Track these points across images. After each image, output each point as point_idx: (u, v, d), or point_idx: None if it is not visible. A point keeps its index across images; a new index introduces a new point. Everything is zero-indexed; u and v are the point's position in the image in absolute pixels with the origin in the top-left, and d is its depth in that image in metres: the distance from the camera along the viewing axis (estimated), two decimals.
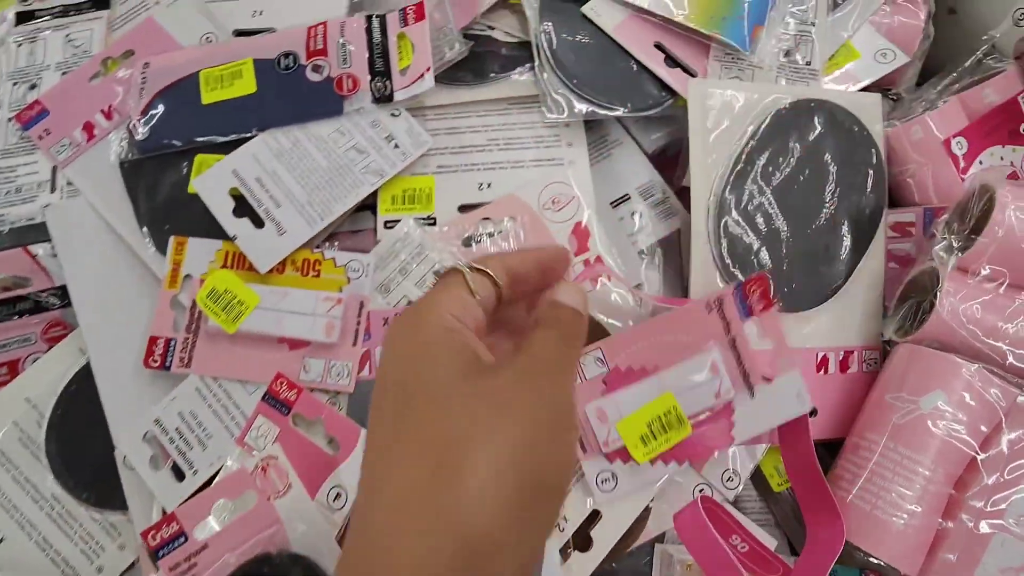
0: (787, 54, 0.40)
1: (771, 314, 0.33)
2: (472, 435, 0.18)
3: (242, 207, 0.38)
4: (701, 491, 0.37)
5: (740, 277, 0.37)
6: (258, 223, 0.38)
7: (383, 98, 0.40)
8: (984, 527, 0.33)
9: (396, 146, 0.40)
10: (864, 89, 0.42)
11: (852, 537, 0.34)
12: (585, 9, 0.41)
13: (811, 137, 0.38)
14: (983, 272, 0.35)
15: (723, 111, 0.38)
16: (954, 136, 0.40)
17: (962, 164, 0.40)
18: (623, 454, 0.34)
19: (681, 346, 0.34)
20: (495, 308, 0.24)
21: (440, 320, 0.21)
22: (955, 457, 0.34)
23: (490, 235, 0.39)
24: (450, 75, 0.42)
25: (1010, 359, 0.35)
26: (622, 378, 0.34)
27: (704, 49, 0.41)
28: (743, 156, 0.38)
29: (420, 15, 0.41)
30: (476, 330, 0.22)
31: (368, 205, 0.41)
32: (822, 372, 0.39)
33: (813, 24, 0.41)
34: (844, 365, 0.39)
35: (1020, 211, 0.34)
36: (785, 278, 0.38)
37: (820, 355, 0.39)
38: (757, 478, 0.41)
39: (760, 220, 0.38)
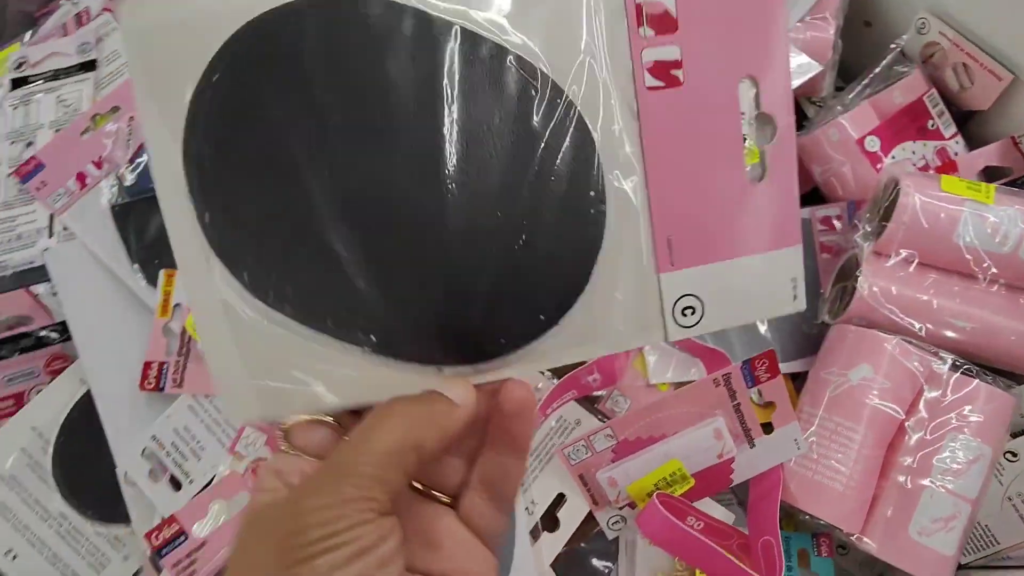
0: None
1: (776, 381, 0.35)
2: None
3: None
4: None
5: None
6: None
7: None
8: (913, 483, 0.36)
9: None
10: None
11: (797, 502, 0.37)
12: None
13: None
14: (897, 255, 0.39)
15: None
16: (867, 135, 0.44)
17: (877, 160, 0.44)
18: (631, 504, 0.37)
19: (687, 417, 0.36)
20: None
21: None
22: (884, 422, 0.37)
23: None
24: None
25: (926, 330, 0.38)
26: (630, 447, 0.37)
27: None
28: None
29: None
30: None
31: None
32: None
33: None
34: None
35: (922, 196, 0.38)
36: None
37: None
38: None
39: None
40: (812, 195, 0.49)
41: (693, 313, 0.23)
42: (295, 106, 0.21)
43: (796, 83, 0.46)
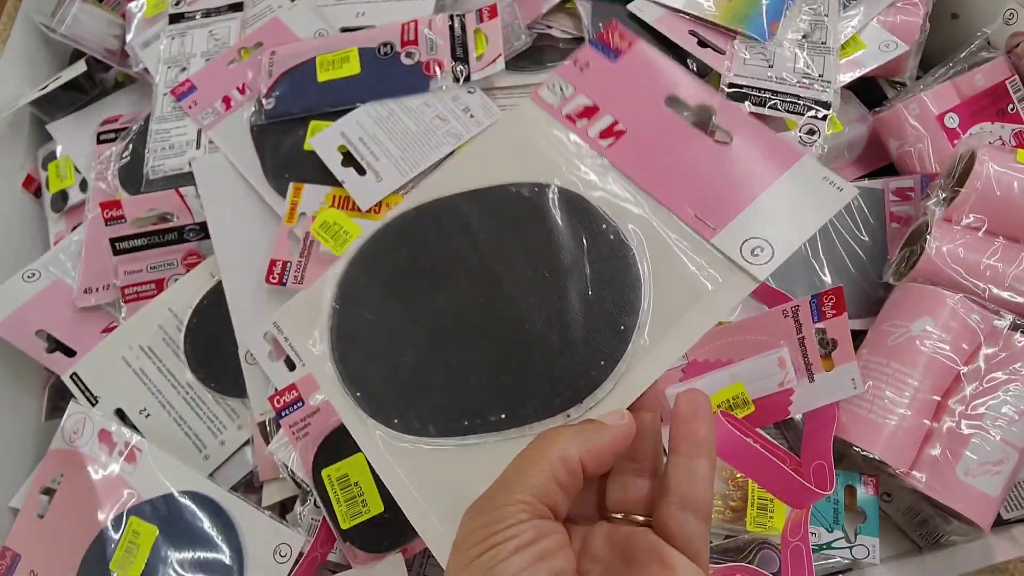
0: (805, 36, 0.47)
1: (841, 318, 0.38)
2: None
3: (348, 160, 0.47)
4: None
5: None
6: (361, 172, 0.47)
7: (462, 79, 0.50)
8: (965, 428, 0.38)
9: (471, 116, 0.49)
10: (869, 77, 0.49)
11: (848, 436, 0.39)
12: (631, 7, 0.50)
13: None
14: (966, 220, 0.42)
15: None
16: (947, 112, 0.46)
17: (955, 136, 0.46)
18: None
19: (755, 344, 0.39)
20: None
21: None
22: (940, 370, 0.39)
23: None
24: (515, 63, 0.51)
25: (990, 292, 0.40)
26: (699, 368, 0.40)
27: (730, 35, 0.49)
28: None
29: (493, 14, 0.51)
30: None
31: None
32: None
33: (826, 16, 0.48)
34: None
35: (997, 166, 0.40)
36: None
37: None
38: None
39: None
40: (886, 171, 0.51)
41: (763, 251, 0.26)
42: (389, 308, 0.30)
43: (881, 61, 0.48)
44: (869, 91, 0.53)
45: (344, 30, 0.55)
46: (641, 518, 0.24)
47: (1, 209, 0.55)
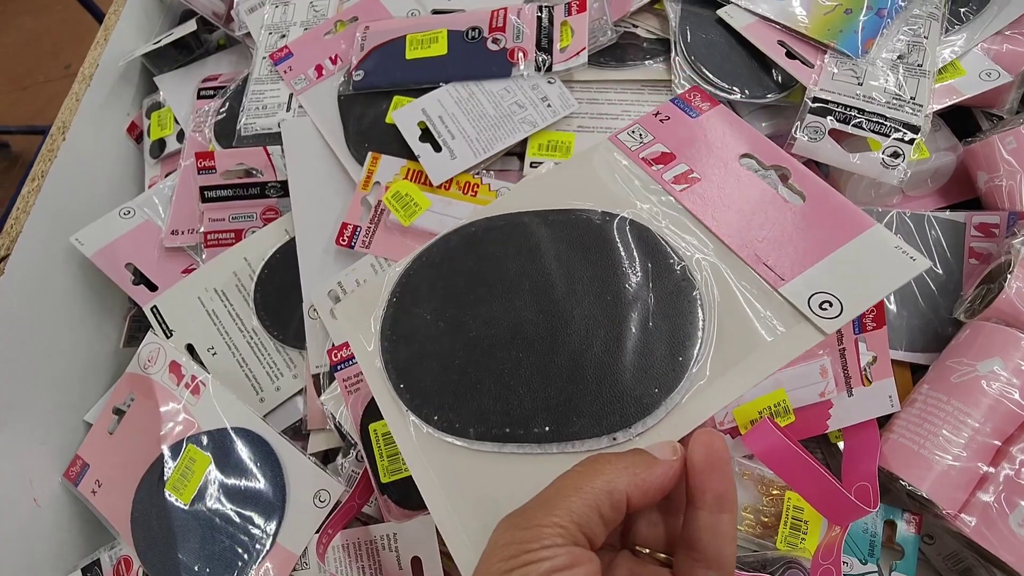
0: (900, 57, 0.46)
1: (880, 332, 0.38)
2: None
3: (426, 136, 0.49)
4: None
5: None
6: (437, 148, 0.49)
7: (543, 68, 0.50)
8: None
9: (549, 105, 0.50)
10: (965, 106, 0.47)
11: (896, 469, 0.38)
12: (720, 12, 0.50)
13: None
14: None
15: None
16: None
17: None
18: (733, 431, 0.41)
19: None
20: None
21: None
22: (1005, 414, 0.38)
23: None
24: (596, 59, 0.52)
25: None
26: None
27: (821, 49, 0.48)
28: None
29: (582, 7, 0.52)
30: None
31: (515, 153, 0.51)
32: None
33: (926, 38, 0.47)
34: None
35: None
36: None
37: None
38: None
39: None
40: (968, 205, 0.49)
41: (831, 306, 0.26)
42: (446, 309, 0.31)
43: (980, 90, 0.47)
44: (962, 121, 0.51)
45: (435, 12, 0.57)
46: (663, 556, 0.23)
47: (106, 151, 0.60)
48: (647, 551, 0.24)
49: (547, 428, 0.26)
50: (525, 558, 0.20)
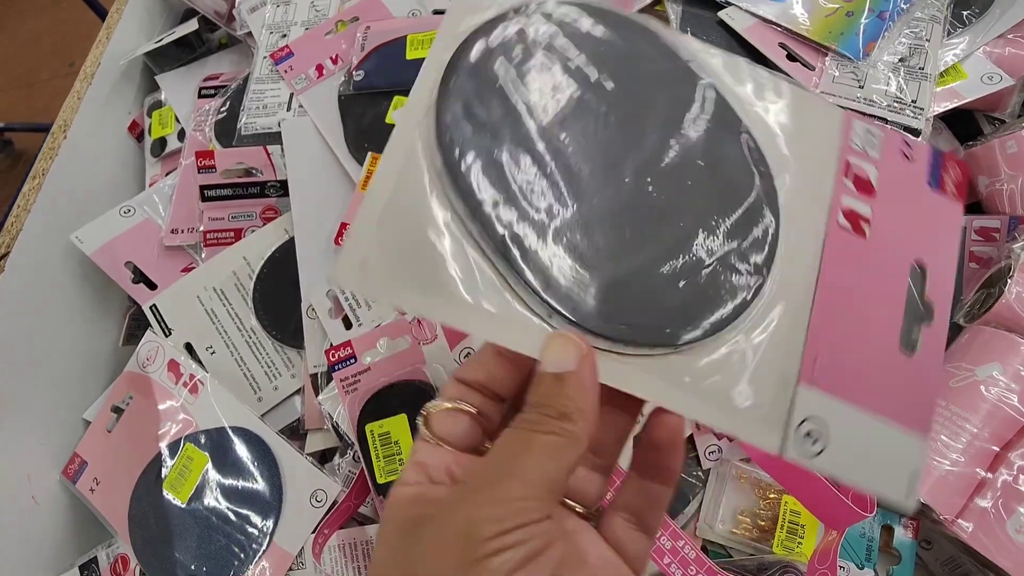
0: (902, 60, 0.46)
1: None
2: None
3: None
4: None
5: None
6: None
7: None
8: (1022, 483, 0.36)
9: None
10: (966, 109, 0.47)
11: None
12: (721, 14, 0.50)
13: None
14: None
15: None
16: None
17: None
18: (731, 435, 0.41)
19: None
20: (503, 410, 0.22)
21: (391, 500, 0.20)
22: (1003, 420, 0.37)
23: None
24: None
25: None
26: None
27: (822, 51, 0.47)
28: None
29: None
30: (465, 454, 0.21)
31: None
32: None
33: (927, 41, 0.47)
34: None
35: None
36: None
37: None
38: None
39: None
40: (969, 210, 0.49)
41: (814, 443, 0.23)
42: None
43: (981, 94, 0.46)
44: (964, 124, 0.50)
45: (436, 12, 0.56)
46: (583, 510, 0.22)
47: (107, 149, 0.60)
48: (564, 500, 0.22)
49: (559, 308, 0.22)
50: (504, 540, 0.18)
